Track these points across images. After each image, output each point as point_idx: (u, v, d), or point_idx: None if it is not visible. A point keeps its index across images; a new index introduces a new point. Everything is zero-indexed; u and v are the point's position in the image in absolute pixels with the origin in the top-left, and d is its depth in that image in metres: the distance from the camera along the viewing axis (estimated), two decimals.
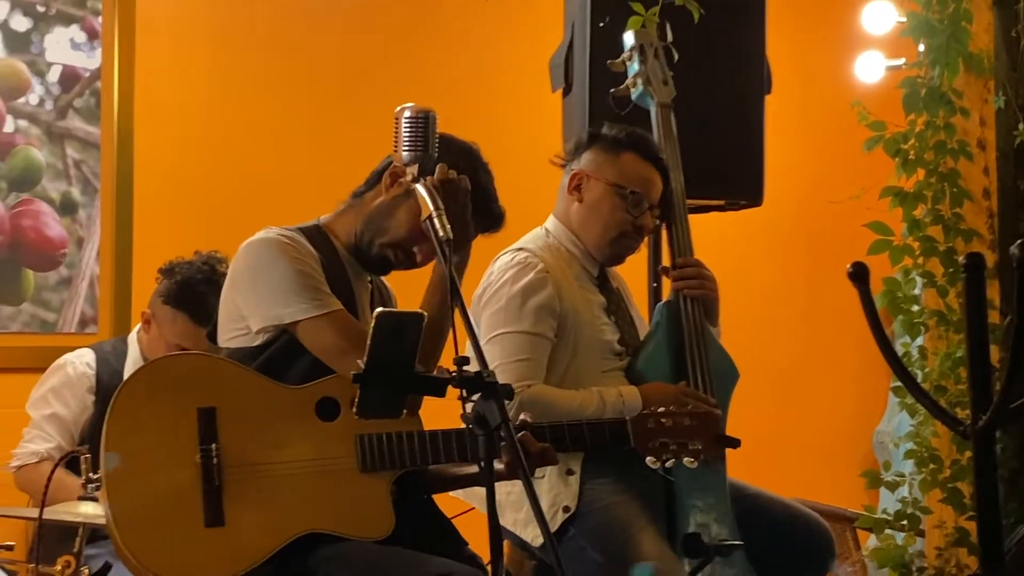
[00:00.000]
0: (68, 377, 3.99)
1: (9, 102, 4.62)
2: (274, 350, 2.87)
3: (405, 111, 2.67)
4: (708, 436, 3.00)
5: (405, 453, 2.80)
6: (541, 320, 3.29)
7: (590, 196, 3.44)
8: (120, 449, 2.73)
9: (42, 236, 4.66)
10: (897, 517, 4.09)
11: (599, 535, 3.20)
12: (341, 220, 3.02)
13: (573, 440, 2.96)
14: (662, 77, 3.67)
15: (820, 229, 5.86)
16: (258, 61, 5.06)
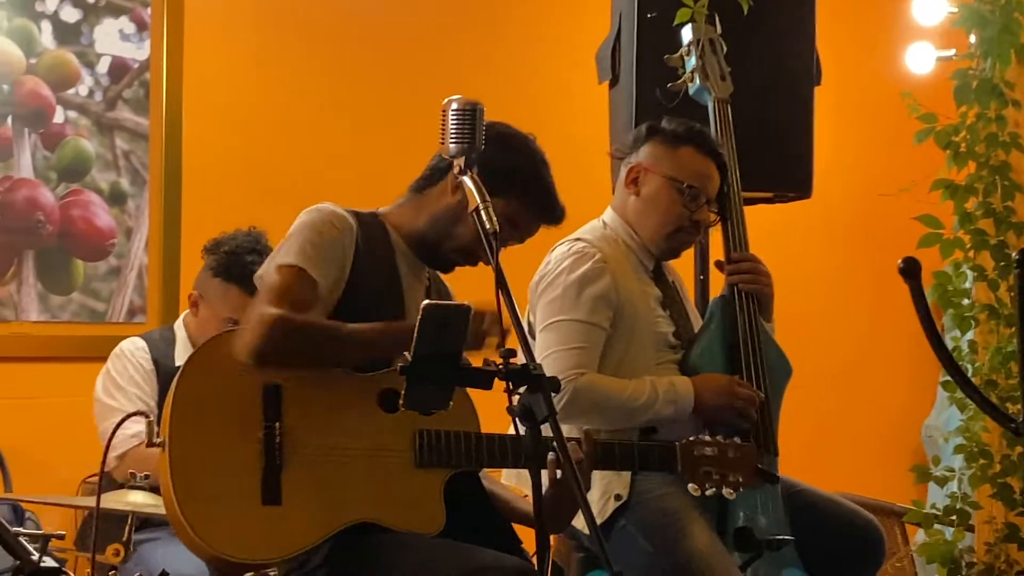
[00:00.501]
0: (130, 362, 4.00)
1: (59, 93, 4.65)
2: None
3: (452, 103, 2.66)
4: (749, 469, 3.02)
5: (461, 453, 2.81)
6: (597, 310, 3.30)
7: (647, 190, 3.43)
8: (185, 416, 2.72)
9: (91, 226, 4.69)
10: (946, 512, 4.06)
11: (650, 525, 3.20)
12: (400, 212, 3.02)
13: (622, 458, 2.99)
14: (720, 72, 3.66)
15: (869, 222, 5.82)
16: (305, 51, 5.07)
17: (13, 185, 4.56)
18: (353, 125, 5.10)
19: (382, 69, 5.17)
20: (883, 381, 5.96)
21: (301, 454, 2.74)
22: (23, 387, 4.52)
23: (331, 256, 2.87)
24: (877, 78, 5.70)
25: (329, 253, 2.87)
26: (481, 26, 5.35)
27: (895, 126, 4.79)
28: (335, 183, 4.88)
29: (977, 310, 4.13)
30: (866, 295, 5.82)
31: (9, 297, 4.55)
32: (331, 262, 2.87)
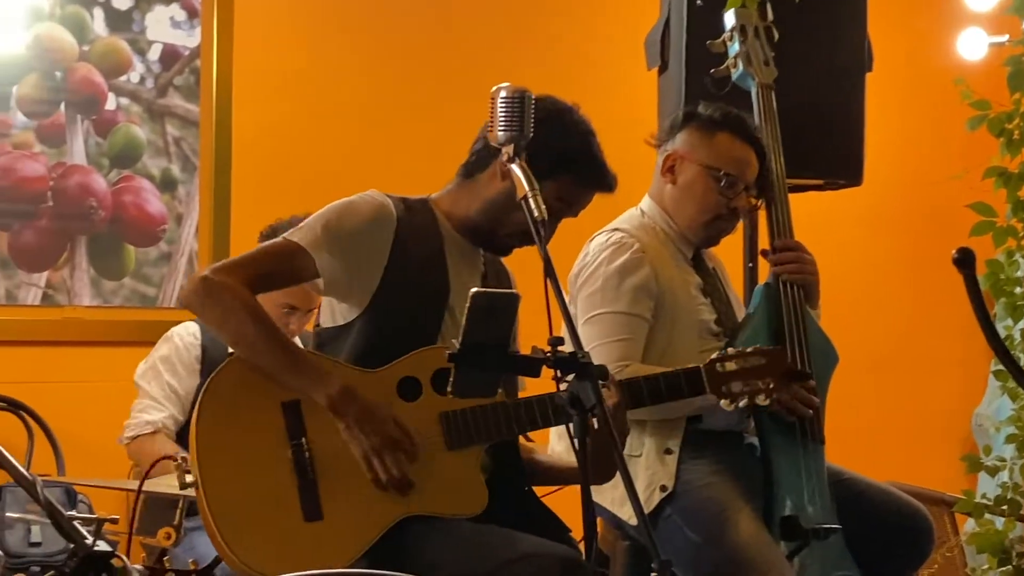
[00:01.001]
0: (176, 348, 4.04)
1: (111, 80, 4.69)
2: (360, 328, 2.87)
3: (501, 91, 2.66)
4: (779, 372, 2.99)
5: (491, 425, 2.80)
6: (638, 300, 3.28)
7: (683, 178, 3.41)
8: (212, 448, 2.73)
9: (143, 212, 4.73)
10: (997, 502, 4.02)
11: (696, 515, 3.19)
12: (451, 198, 3.01)
13: (651, 394, 2.95)
14: (763, 57, 3.62)
15: (921, 209, 5.78)
16: (354, 37, 5.09)
17: (66, 171, 4.61)
18: (403, 110, 5.11)
19: (431, 54, 5.18)
20: (933, 370, 5.93)
21: (333, 464, 2.74)
22: (76, 371, 4.58)
23: (349, 244, 2.85)
24: (929, 65, 5.66)
25: (348, 240, 2.85)
26: (530, 12, 5.35)
27: (947, 113, 4.74)
28: (385, 168, 4.90)
29: None
30: (917, 283, 5.79)
31: (62, 282, 4.60)
32: (347, 249, 2.84)
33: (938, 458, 5.50)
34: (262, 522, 2.70)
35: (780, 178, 3.51)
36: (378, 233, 2.87)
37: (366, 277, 2.86)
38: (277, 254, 2.87)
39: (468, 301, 2.40)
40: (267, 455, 2.74)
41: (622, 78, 4.94)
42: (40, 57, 4.58)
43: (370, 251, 2.86)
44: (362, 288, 2.86)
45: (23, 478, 2.20)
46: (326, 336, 2.93)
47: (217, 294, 2.77)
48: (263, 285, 2.88)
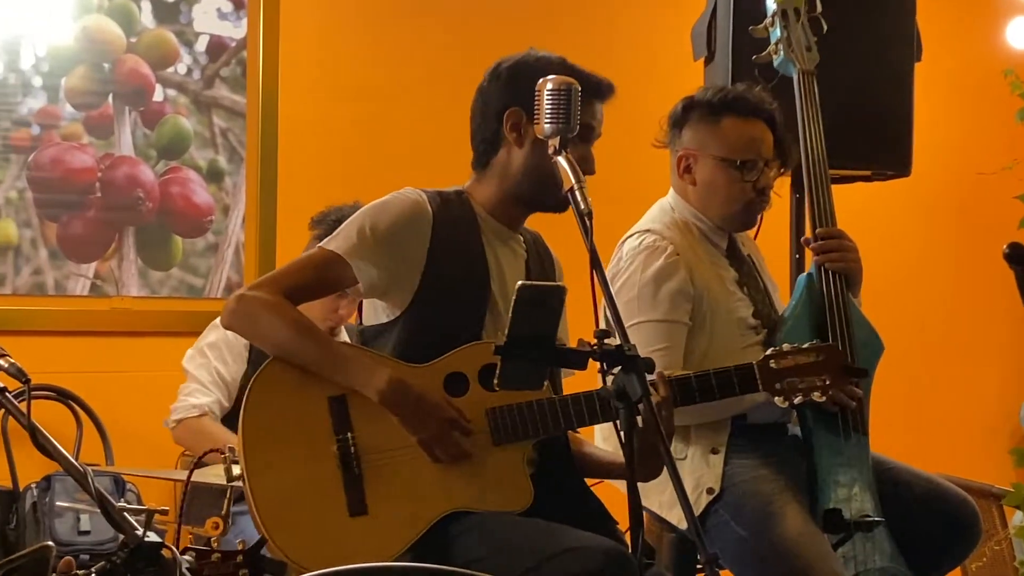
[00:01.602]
0: (224, 335, 4.06)
1: (159, 71, 4.71)
2: (403, 325, 2.87)
3: (548, 83, 2.65)
4: (834, 368, 2.95)
5: (537, 421, 2.78)
6: (677, 306, 3.23)
7: (702, 176, 3.34)
8: (258, 444, 2.74)
9: (190, 203, 4.76)
10: None
11: (742, 509, 3.16)
12: (481, 187, 2.98)
13: (701, 391, 2.92)
14: (805, 43, 3.54)
15: (970, 200, 5.74)
16: (402, 27, 5.09)
17: (114, 163, 4.64)
18: (450, 100, 5.05)
19: (479, 44, 5.17)
20: (982, 362, 5.89)
21: (378, 459, 2.75)
22: (124, 361, 4.61)
23: (386, 248, 2.84)
24: (978, 54, 5.61)
25: (384, 244, 2.84)
26: (576, 3, 5.34)
27: (996, 103, 4.70)
28: (431, 159, 4.88)
29: None
30: (965, 274, 5.75)
31: (110, 273, 4.63)
32: (384, 253, 2.84)
33: (986, 451, 5.46)
34: (307, 516, 2.71)
35: (821, 165, 3.43)
36: (414, 232, 2.86)
37: (406, 277, 2.86)
38: (314, 265, 2.88)
39: (514, 294, 2.39)
40: (313, 449, 2.74)
41: (669, 69, 4.91)
42: (88, 49, 4.61)
43: (407, 251, 2.85)
44: (402, 288, 2.86)
45: (74, 468, 2.22)
46: (369, 334, 2.93)
47: (252, 308, 2.80)
48: (301, 296, 2.89)
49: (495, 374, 2.44)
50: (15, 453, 4.24)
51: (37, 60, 4.54)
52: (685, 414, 3.00)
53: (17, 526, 4.11)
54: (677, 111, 3.40)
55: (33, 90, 4.54)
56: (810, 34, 3.57)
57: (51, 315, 4.54)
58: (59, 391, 4.43)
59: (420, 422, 2.74)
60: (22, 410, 2.26)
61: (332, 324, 3.99)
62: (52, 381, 4.39)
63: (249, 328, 2.86)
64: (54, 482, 4.10)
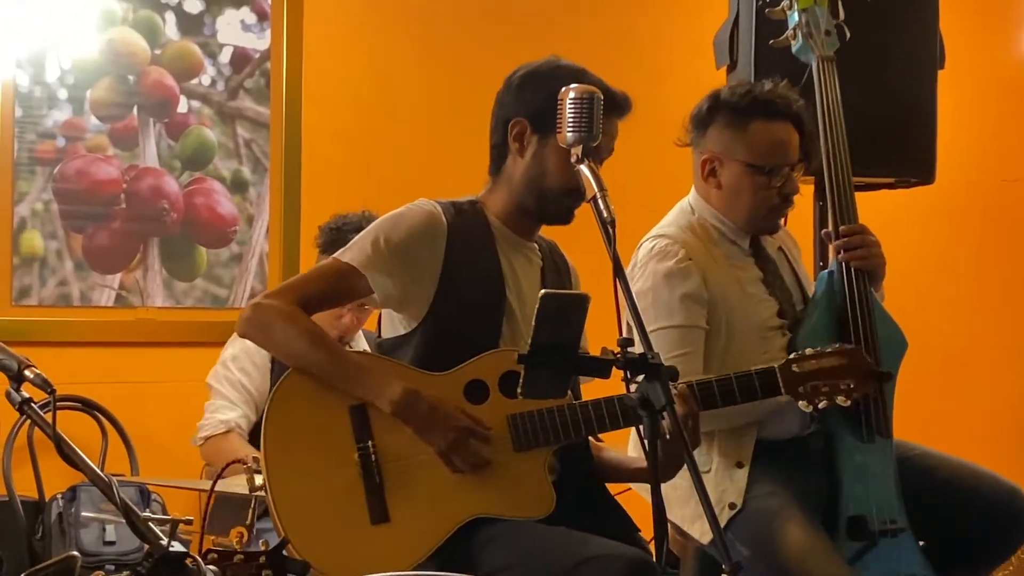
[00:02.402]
0: (246, 346, 4.07)
1: (183, 83, 4.74)
2: (420, 336, 2.87)
3: (570, 92, 2.65)
4: (859, 373, 2.94)
5: (558, 428, 2.79)
6: (691, 311, 3.19)
7: (728, 180, 3.28)
8: (280, 453, 2.76)
9: (214, 214, 4.78)
10: None
11: (747, 530, 3.10)
12: (492, 196, 2.99)
13: (723, 396, 2.91)
14: (824, 27, 3.47)
15: (993, 207, 5.72)
16: (424, 38, 5.10)
17: (139, 174, 4.66)
18: (471, 112, 5.06)
19: (500, 54, 5.15)
20: (1006, 366, 5.86)
21: (399, 467, 2.76)
22: (149, 371, 4.63)
23: (401, 259, 2.85)
24: (1002, 61, 5.60)
25: (399, 256, 2.85)
26: (598, 12, 5.34)
27: (1020, 110, 4.69)
28: (453, 170, 4.86)
29: None
30: (990, 279, 5.73)
31: (135, 283, 4.65)
32: (400, 264, 2.85)
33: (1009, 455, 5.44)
34: (329, 524, 2.73)
35: (843, 156, 3.37)
36: (429, 243, 2.87)
37: (421, 288, 2.86)
38: (329, 275, 2.90)
39: (537, 302, 2.39)
40: (335, 458, 2.76)
41: (691, 77, 4.91)
42: (113, 61, 4.64)
43: (423, 263, 2.86)
44: (419, 299, 2.87)
45: (99, 479, 2.23)
46: (387, 347, 2.93)
47: (267, 317, 2.81)
48: (315, 306, 2.91)
49: (518, 382, 2.44)
50: (41, 464, 4.26)
51: (62, 73, 4.57)
52: (707, 423, 2.98)
53: (43, 536, 4.13)
54: (702, 110, 3.33)
55: (58, 103, 4.57)
56: (830, 17, 3.48)
57: (76, 326, 4.56)
58: (84, 401, 4.45)
59: (435, 432, 2.74)
60: (48, 421, 2.27)
61: (338, 333, 3.98)
62: (78, 392, 4.41)
63: (264, 337, 2.87)
64: (79, 492, 4.12)
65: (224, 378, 4.07)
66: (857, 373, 2.94)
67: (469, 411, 2.78)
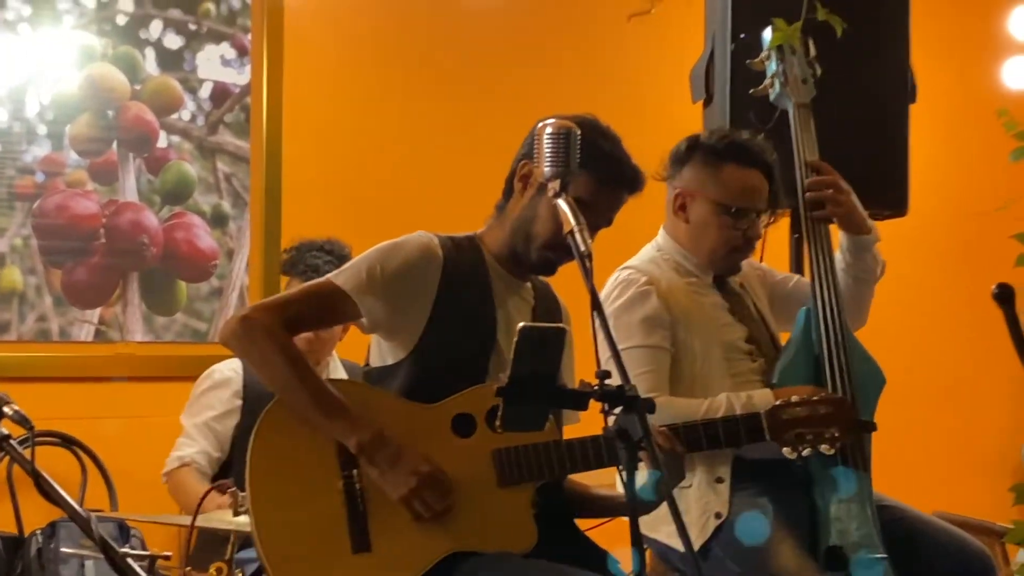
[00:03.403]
0: (214, 382, 4.11)
1: (162, 118, 4.75)
2: (407, 368, 2.89)
3: (547, 127, 2.68)
4: (844, 422, 2.98)
5: (543, 464, 2.81)
6: (651, 331, 3.29)
7: (696, 216, 3.42)
8: (264, 480, 2.77)
9: (194, 248, 4.78)
10: None
11: (738, 548, 3.17)
12: (491, 233, 3.02)
13: (709, 439, 2.94)
14: (801, 76, 3.59)
15: (966, 240, 5.77)
16: (403, 72, 5.13)
17: (118, 208, 4.67)
18: (450, 145, 5.15)
19: (479, 90, 5.22)
20: (984, 399, 5.89)
21: (384, 497, 2.76)
22: (128, 406, 4.62)
23: (394, 288, 2.86)
24: (973, 94, 5.65)
25: (393, 284, 2.86)
26: (575, 46, 5.38)
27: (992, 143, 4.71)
28: (434, 204, 4.93)
29: None
30: (964, 313, 5.75)
31: (115, 318, 4.65)
32: (392, 293, 2.86)
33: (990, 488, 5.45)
34: (311, 551, 2.74)
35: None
36: (424, 275, 2.89)
37: (412, 319, 2.88)
38: (319, 296, 2.90)
39: (516, 335, 2.41)
40: (319, 486, 2.77)
41: (668, 111, 4.95)
42: (93, 96, 4.65)
43: (416, 293, 2.88)
44: (408, 329, 2.89)
45: (77, 515, 2.24)
46: (375, 376, 2.95)
47: (254, 335, 2.81)
48: (304, 326, 2.93)
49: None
50: (20, 499, 4.24)
51: (42, 108, 4.58)
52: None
53: (22, 572, 4.11)
54: (681, 148, 3.46)
55: (38, 138, 4.58)
56: (806, 68, 3.60)
57: (56, 361, 4.56)
58: (64, 437, 4.43)
59: (397, 478, 2.75)
60: (26, 457, 2.28)
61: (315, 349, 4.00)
62: (57, 427, 4.39)
63: (245, 351, 2.87)
64: (59, 528, 4.10)
65: (193, 414, 4.11)
66: (842, 422, 2.98)
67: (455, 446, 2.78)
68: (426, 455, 2.77)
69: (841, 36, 3.72)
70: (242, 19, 4.87)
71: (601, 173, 2.90)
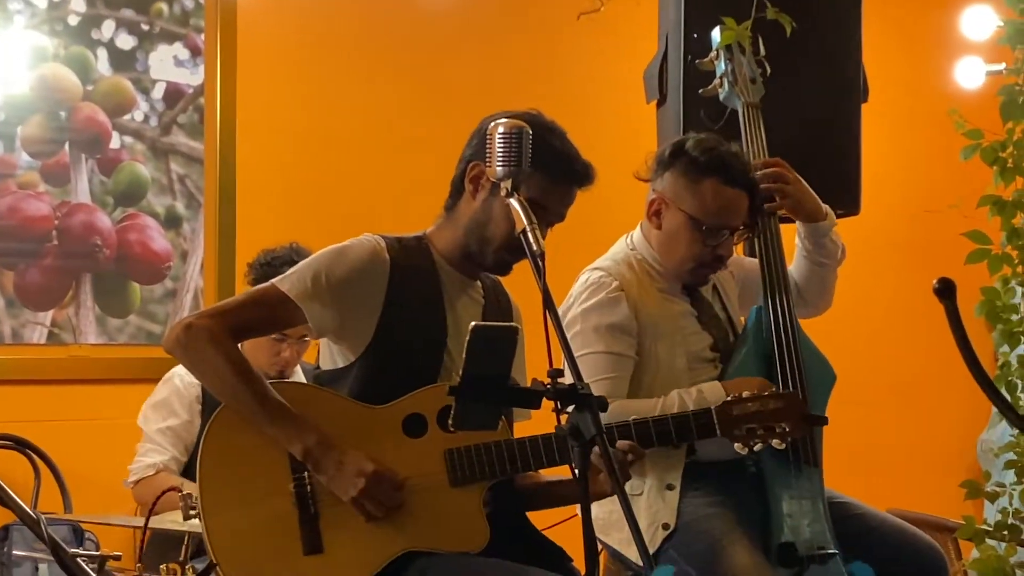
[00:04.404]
0: (176, 388, 4.08)
1: (115, 119, 4.73)
2: (358, 370, 2.88)
3: (499, 127, 2.67)
4: (795, 416, 2.97)
5: (495, 463, 2.81)
6: (618, 339, 3.27)
7: (668, 224, 3.36)
8: (215, 483, 2.77)
9: (148, 250, 4.76)
10: (997, 527, 4.03)
11: (691, 548, 3.18)
12: (440, 234, 3.01)
13: (660, 436, 2.94)
14: (750, 76, 3.59)
15: (918, 238, 5.81)
16: (356, 74, 5.13)
17: (71, 210, 4.64)
18: (404, 146, 5.15)
19: (433, 91, 5.22)
20: (938, 396, 5.94)
21: (335, 499, 2.77)
22: (82, 409, 4.60)
23: (340, 294, 2.85)
24: (926, 94, 5.69)
25: (339, 290, 2.85)
26: (530, 47, 5.39)
27: (944, 142, 4.77)
28: (388, 204, 4.93)
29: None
30: (917, 310, 5.77)
31: (67, 320, 4.63)
32: (339, 299, 2.85)
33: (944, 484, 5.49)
34: (262, 554, 2.74)
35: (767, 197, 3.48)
36: (371, 279, 2.88)
37: (360, 323, 2.87)
38: (264, 303, 2.88)
39: (468, 334, 2.42)
40: (270, 488, 2.77)
41: (621, 112, 4.97)
42: (44, 97, 4.62)
43: (363, 298, 2.87)
44: (357, 334, 2.88)
45: (27, 516, 2.22)
46: (325, 378, 2.94)
47: (198, 342, 2.79)
48: (248, 332, 2.92)
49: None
50: None
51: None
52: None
53: None
54: (665, 153, 3.40)
55: None
56: (755, 67, 3.61)
57: (8, 364, 4.53)
58: (16, 440, 4.41)
59: (344, 481, 2.75)
60: None
61: (279, 368, 3.99)
62: (9, 430, 4.38)
63: (190, 360, 2.84)
64: (12, 532, 4.08)
65: (154, 420, 4.08)
66: (793, 417, 2.98)
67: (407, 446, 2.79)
68: (372, 455, 2.77)
69: (792, 35, 3.74)
70: (195, 19, 4.85)
71: (554, 171, 2.89)
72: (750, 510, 3.27)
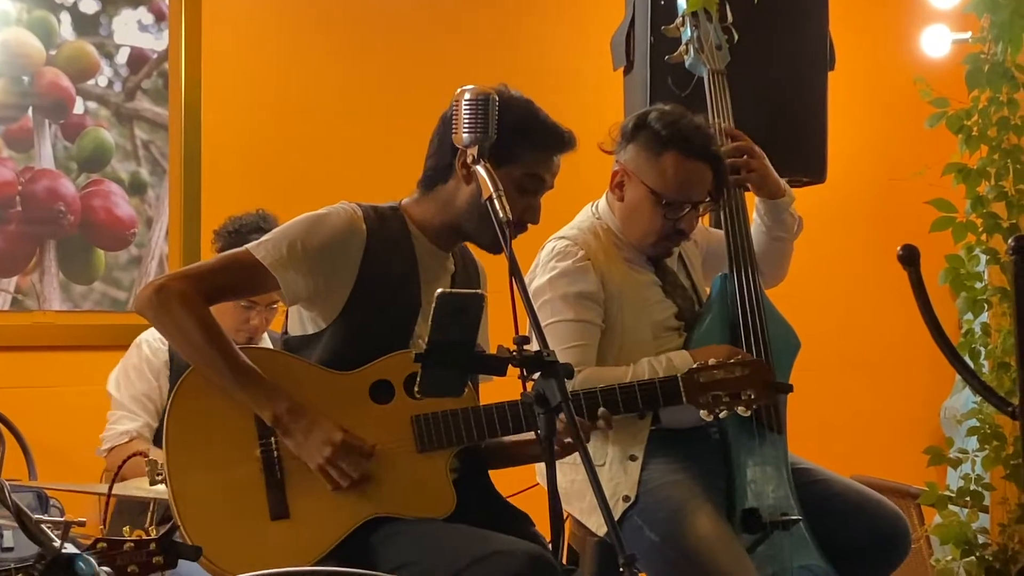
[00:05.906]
0: (144, 354, 4.06)
1: (79, 84, 4.69)
2: (329, 338, 2.88)
3: (465, 93, 2.68)
4: (760, 384, 2.99)
5: (461, 429, 2.82)
6: (586, 308, 3.26)
7: (630, 197, 3.34)
8: (181, 448, 2.76)
9: (112, 216, 4.74)
10: (960, 494, 4.08)
11: (654, 515, 3.20)
12: (418, 208, 2.98)
13: (626, 403, 2.95)
14: (716, 43, 3.58)
15: (884, 206, 5.84)
16: (322, 39, 5.11)
17: (34, 176, 4.61)
18: (370, 114, 5.13)
19: (398, 58, 5.20)
20: (902, 364, 5.97)
21: (302, 464, 2.77)
22: (46, 376, 4.58)
23: (316, 262, 2.84)
24: (892, 62, 5.70)
25: (314, 258, 2.84)
26: (497, 15, 5.38)
27: (910, 110, 4.79)
28: (353, 172, 4.92)
29: (990, 293, 4.13)
30: (882, 278, 5.82)
31: (31, 287, 4.60)
32: (314, 267, 2.84)
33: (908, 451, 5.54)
34: (229, 520, 2.74)
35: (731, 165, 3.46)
36: (346, 248, 2.86)
37: (334, 292, 2.86)
38: (237, 268, 2.86)
39: (434, 302, 2.42)
40: (237, 454, 2.77)
41: (589, 79, 4.97)
42: (7, 62, 4.58)
43: (338, 267, 2.86)
44: (330, 302, 2.87)
45: None
46: (294, 344, 2.94)
47: (169, 304, 2.77)
48: (220, 296, 2.90)
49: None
50: None
51: None
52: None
53: None
54: (628, 125, 3.37)
55: None
56: (721, 34, 3.61)
57: None
58: None
59: (312, 449, 2.75)
60: None
61: (247, 335, 3.98)
62: None
63: (160, 321, 2.82)
64: None
65: (124, 387, 4.06)
66: (758, 384, 2.99)
67: (374, 412, 2.78)
68: (342, 423, 2.77)
69: (759, 2, 3.75)
70: None
71: (546, 144, 2.90)
72: (714, 476, 3.29)
